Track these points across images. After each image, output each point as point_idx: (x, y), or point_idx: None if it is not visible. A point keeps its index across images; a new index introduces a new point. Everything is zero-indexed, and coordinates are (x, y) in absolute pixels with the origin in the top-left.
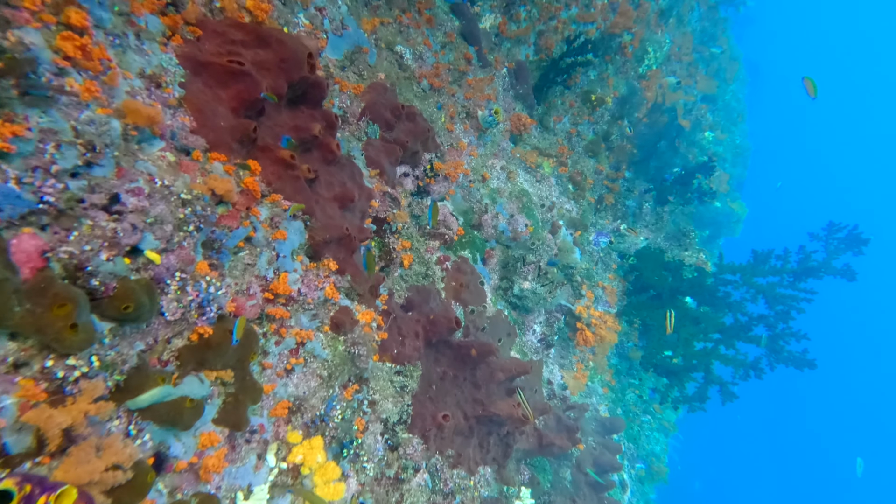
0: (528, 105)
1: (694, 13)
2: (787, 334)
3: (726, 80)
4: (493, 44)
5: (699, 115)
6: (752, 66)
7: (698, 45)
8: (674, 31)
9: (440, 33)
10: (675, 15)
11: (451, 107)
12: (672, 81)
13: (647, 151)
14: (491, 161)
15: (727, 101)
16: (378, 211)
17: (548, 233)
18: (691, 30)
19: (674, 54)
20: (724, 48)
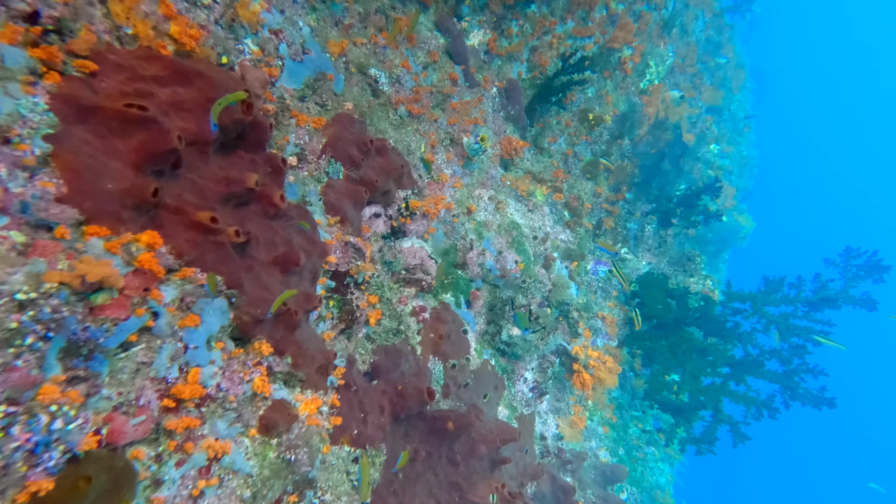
0: (521, 126)
1: (698, 22)
2: (802, 370)
3: (732, 90)
4: (482, 62)
5: (704, 127)
6: (758, 72)
7: (703, 56)
8: (677, 42)
9: (422, 53)
10: (679, 25)
11: (433, 134)
12: (675, 95)
13: (648, 172)
14: (478, 191)
15: (733, 112)
16: (338, 265)
17: (541, 267)
18: (695, 40)
19: (677, 66)
20: (730, 57)
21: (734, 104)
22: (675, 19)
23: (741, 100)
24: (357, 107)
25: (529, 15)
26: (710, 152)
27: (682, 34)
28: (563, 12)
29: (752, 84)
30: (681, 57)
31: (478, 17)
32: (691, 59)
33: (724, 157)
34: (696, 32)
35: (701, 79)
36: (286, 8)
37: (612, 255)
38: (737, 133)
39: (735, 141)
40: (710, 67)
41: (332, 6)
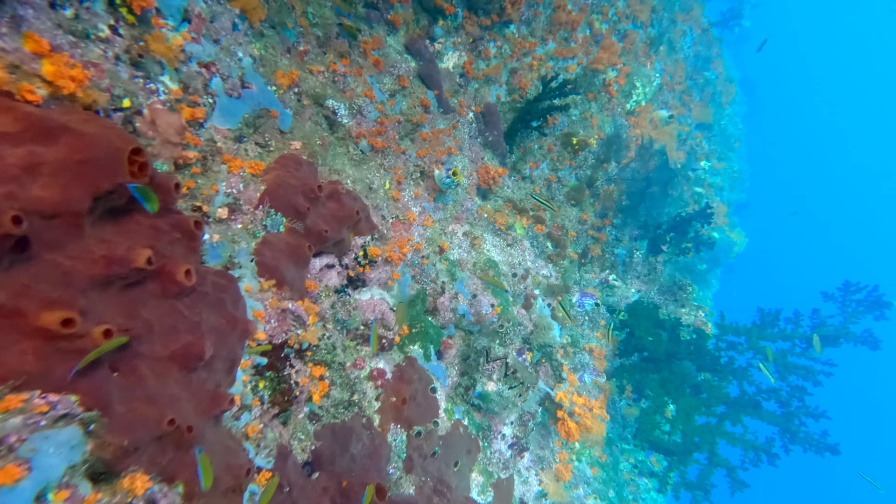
0: (500, 153)
1: (686, 38)
2: (803, 413)
3: (722, 105)
4: (457, 86)
5: (694, 144)
6: (748, 84)
7: (692, 72)
8: (665, 60)
9: (390, 79)
10: (667, 42)
11: (399, 169)
12: (663, 115)
13: (636, 198)
14: (451, 226)
15: (724, 127)
16: (272, 337)
17: (520, 308)
18: (683, 56)
19: (665, 84)
20: (720, 71)
21: (724, 119)
22: (662, 37)
23: (731, 114)
24: (308, 145)
25: (508, 36)
26: (700, 169)
27: (670, 51)
28: (544, 33)
29: (743, 97)
30: (669, 74)
31: (452, 38)
32: (679, 77)
33: (716, 174)
34: (684, 49)
35: (690, 95)
36: (222, 37)
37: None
38: (728, 148)
39: (726, 156)
40: (699, 84)
41: (284, 32)
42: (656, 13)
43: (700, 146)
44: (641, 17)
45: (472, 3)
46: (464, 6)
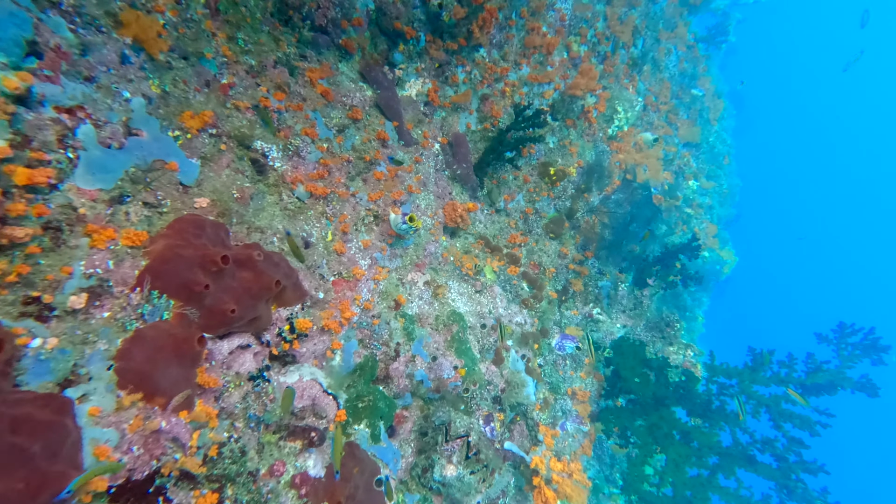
0: (470, 186)
1: (671, 57)
2: (800, 468)
3: (710, 121)
4: (421, 115)
5: (682, 163)
6: (736, 97)
7: (677, 90)
8: (649, 80)
9: (340, 111)
10: (651, 61)
11: (345, 217)
12: (648, 138)
13: (619, 234)
14: (411, 275)
15: (712, 144)
16: (132, 472)
17: (490, 364)
18: (668, 75)
19: (651, 104)
20: (707, 87)
21: (713, 136)
22: (646, 56)
23: (720, 130)
24: (219, 202)
25: (478, 60)
26: (688, 188)
27: (655, 70)
28: (517, 56)
29: (732, 111)
30: (654, 94)
31: (415, 64)
32: (665, 96)
33: (704, 193)
34: (669, 67)
35: (676, 114)
36: (99, 74)
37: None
38: (717, 165)
39: (715, 174)
40: (686, 102)
41: (202, 62)
42: (639, 32)
43: (688, 165)
44: (623, 38)
45: (435, 26)
46: (427, 30)
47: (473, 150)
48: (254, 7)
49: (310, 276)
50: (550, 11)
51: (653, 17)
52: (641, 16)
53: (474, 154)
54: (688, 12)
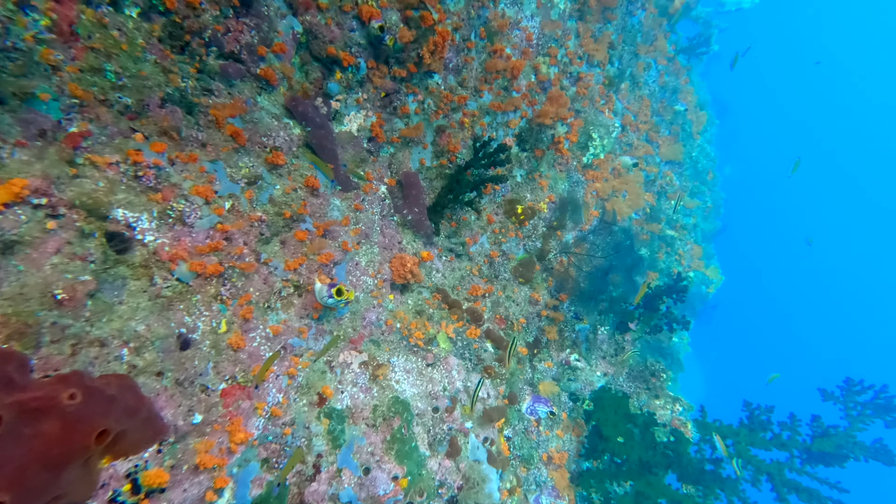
0: (424, 233)
1: (651, 71)
2: None
3: (692, 136)
4: (364, 152)
5: (664, 183)
6: (720, 105)
7: (658, 107)
8: (628, 98)
9: (253, 157)
10: (629, 78)
11: (248, 297)
12: (627, 162)
13: (595, 283)
14: (343, 356)
15: (695, 159)
16: None
17: (444, 458)
18: (648, 92)
19: (629, 124)
20: (689, 100)
21: (696, 151)
22: (623, 74)
23: (703, 143)
24: (15, 315)
25: (431, 88)
26: (671, 208)
27: (633, 87)
28: (477, 83)
29: (715, 118)
30: (633, 113)
31: (355, 95)
32: (645, 114)
33: (688, 214)
34: (649, 83)
35: (657, 132)
36: None
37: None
38: (700, 181)
39: (699, 190)
40: (667, 118)
41: (32, 105)
42: (615, 49)
43: (671, 184)
44: (597, 56)
45: (379, 51)
46: (368, 55)
47: (429, 189)
48: (133, 31)
49: (181, 394)
50: (515, 31)
51: (630, 30)
52: (618, 30)
53: (430, 193)
54: (667, 23)
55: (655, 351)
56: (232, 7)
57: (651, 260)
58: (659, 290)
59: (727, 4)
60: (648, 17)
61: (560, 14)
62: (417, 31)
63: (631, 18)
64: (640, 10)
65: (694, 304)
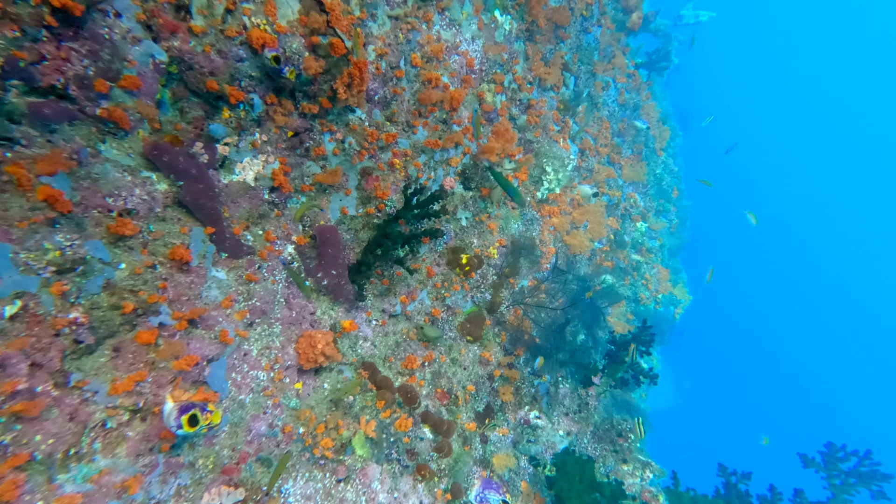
0: (345, 298)
1: (610, 90)
2: None
3: (655, 152)
4: (264, 207)
5: (628, 205)
6: (682, 114)
7: (619, 127)
8: (586, 120)
9: (77, 229)
10: (587, 99)
11: (17, 461)
12: (587, 192)
13: (553, 339)
14: (208, 496)
15: (659, 176)
16: None
17: None
18: (608, 113)
19: (588, 148)
20: (651, 116)
21: (660, 167)
22: (580, 95)
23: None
24: None
25: (353, 125)
26: (637, 231)
27: (591, 108)
28: (410, 117)
29: (679, 131)
30: (592, 136)
31: (250, 136)
32: (605, 137)
33: (653, 237)
34: (608, 103)
35: (619, 153)
36: None
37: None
38: (666, 199)
39: (664, 208)
40: (629, 138)
41: None
42: (570, 70)
43: (635, 206)
44: (550, 80)
45: (279, 84)
46: (266, 89)
47: (353, 242)
48: None
49: None
50: (453, 56)
51: (586, 49)
52: (572, 50)
53: (355, 247)
54: (626, 37)
55: (622, 407)
56: (46, 27)
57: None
58: (625, 339)
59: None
60: (605, 33)
61: (506, 36)
62: (328, 60)
63: (586, 36)
64: (596, 26)
65: (662, 330)
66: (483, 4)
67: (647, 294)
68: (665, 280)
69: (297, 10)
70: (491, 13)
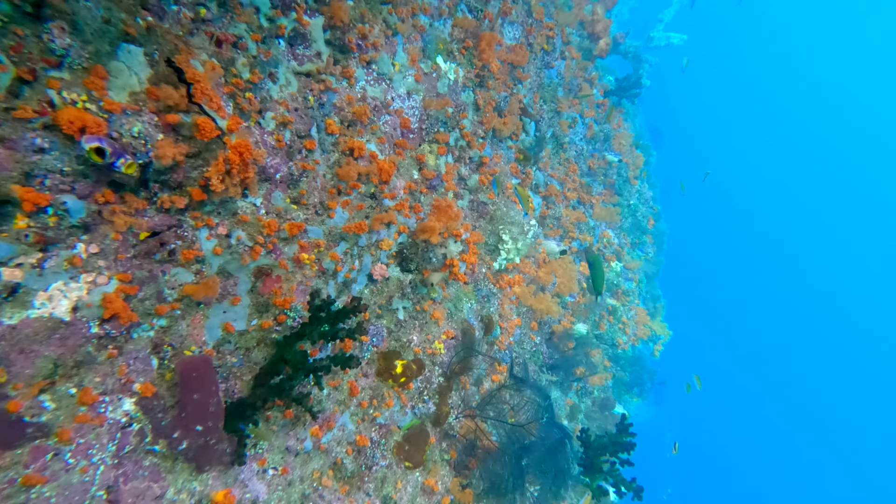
0: (216, 460)
1: (577, 127)
2: None
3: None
4: (85, 350)
5: (601, 246)
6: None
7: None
8: (552, 163)
9: None
10: (551, 140)
11: None
12: (553, 249)
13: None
14: None
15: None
16: None
17: None
18: (576, 153)
19: (555, 194)
20: (623, 144)
21: (634, 198)
22: (543, 139)
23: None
24: None
25: (242, 216)
26: (612, 271)
27: (557, 150)
28: (325, 196)
29: (653, 150)
30: (558, 181)
31: (65, 252)
32: (573, 180)
33: (629, 278)
34: (575, 141)
35: (590, 192)
36: None
37: None
38: (641, 231)
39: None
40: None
41: None
42: (530, 115)
43: (609, 245)
44: (505, 131)
45: (118, 178)
46: (95, 185)
47: (245, 366)
48: None
49: None
50: (384, 117)
51: (548, 86)
52: (532, 90)
53: (245, 374)
54: (593, 66)
55: None
56: None
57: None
58: (601, 443)
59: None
60: (570, 65)
61: (450, 86)
62: (192, 145)
63: (548, 72)
64: (559, 59)
65: (642, 379)
66: (421, 52)
67: (625, 339)
68: (643, 324)
69: (144, 79)
70: (432, 61)
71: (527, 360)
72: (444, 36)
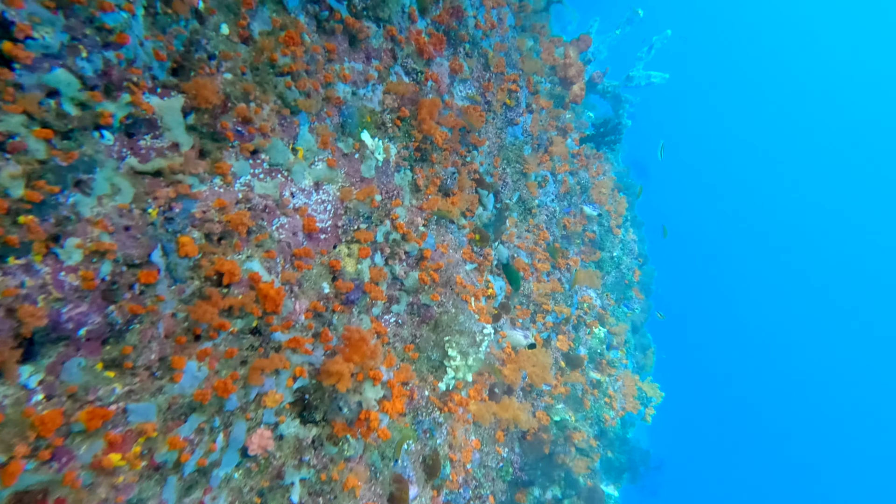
0: None
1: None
2: None
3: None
4: None
5: (581, 314)
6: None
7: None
8: (519, 231)
9: None
10: (516, 206)
11: None
12: (521, 343)
13: None
14: None
15: (617, 259)
16: None
17: None
18: (546, 216)
19: (522, 269)
20: (604, 195)
21: (617, 249)
22: (504, 211)
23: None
24: None
25: None
26: (595, 338)
27: (525, 216)
28: (164, 349)
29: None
30: (526, 252)
31: None
32: (544, 254)
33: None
34: (547, 202)
35: (566, 255)
36: None
37: None
38: (624, 286)
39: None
40: (578, 231)
41: None
42: (486, 187)
43: (590, 310)
44: (453, 212)
45: None
46: None
47: None
48: None
49: None
50: (277, 221)
51: (512, 146)
52: (491, 153)
53: None
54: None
55: None
56: None
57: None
58: None
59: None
60: (538, 117)
61: (379, 168)
62: None
63: (511, 129)
64: (525, 114)
65: (634, 463)
66: (336, 132)
67: (612, 414)
68: (632, 395)
69: None
70: (354, 139)
71: (487, 495)
72: (373, 106)
